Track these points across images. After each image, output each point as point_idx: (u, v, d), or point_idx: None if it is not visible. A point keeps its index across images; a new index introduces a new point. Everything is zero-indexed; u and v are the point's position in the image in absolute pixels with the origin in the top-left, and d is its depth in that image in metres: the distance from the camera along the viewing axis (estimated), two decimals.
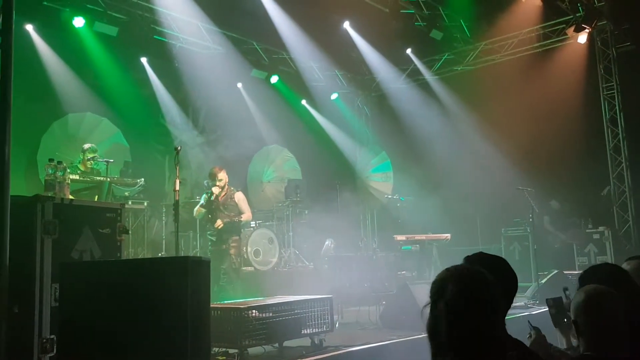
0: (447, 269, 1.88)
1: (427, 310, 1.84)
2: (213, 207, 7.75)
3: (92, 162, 8.02)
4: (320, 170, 12.46)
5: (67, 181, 5.16)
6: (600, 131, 11.14)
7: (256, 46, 12.08)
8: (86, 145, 8.20)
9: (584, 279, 2.75)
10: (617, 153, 11.01)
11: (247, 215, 8.03)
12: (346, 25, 11.98)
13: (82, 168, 7.91)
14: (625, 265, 3.04)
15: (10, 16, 4.01)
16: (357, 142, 14.48)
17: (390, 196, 11.90)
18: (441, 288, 1.82)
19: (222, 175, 7.76)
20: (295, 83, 12.95)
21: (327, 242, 10.28)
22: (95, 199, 7.49)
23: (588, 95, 11.07)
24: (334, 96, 13.92)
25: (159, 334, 3.24)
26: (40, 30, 9.32)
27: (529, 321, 2.93)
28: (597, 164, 10.96)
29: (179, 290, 3.27)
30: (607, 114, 11.14)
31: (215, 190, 7.69)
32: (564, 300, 3.21)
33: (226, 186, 7.84)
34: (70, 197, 5.07)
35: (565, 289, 3.35)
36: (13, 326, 3.78)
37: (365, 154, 14.47)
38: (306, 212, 10.95)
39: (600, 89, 11.20)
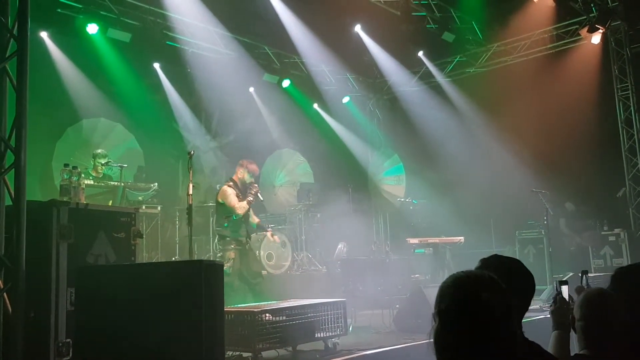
0: (448, 279, 1.80)
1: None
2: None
3: (103, 167, 8.07)
4: (332, 173, 12.45)
5: (82, 186, 5.20)
6: (615, 132, 11.03)
7: (268, 50, 12.13)
8: (97, 151, 8.26)
9: (617, 278, 2.68)
10: (632, 154, 10.88)
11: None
12: (357, 28, 11.97)
13: (93, 174, 7.97)
14: None
15: (26, 23, 4.06)
16: (369, 145, 14.46)
17: (402, 199, 11.86)
18: (444, 296, 1.75)
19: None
20: (307, 87, 12.97)
21: (339, 246, 10.26)
22: (110, 204, 7.55)
23: (602, 96, 10.96)
24: (345, 99, 13.92)
25: (173, 337, 3.25)
26: (54, 37, 9.43)
27: (556, 281, 2.79)
28: (612, 166, 10.85)
29: (193, 294, 3.28)
30: (622, 114, 11.02)
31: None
32: (584, 285, 3.04)
33: None
34: (85, 202, 5.12)
35: (584, 272, 3.13)
36: (29, 330, 3.81)
37: (378, 157, 14.45)
38: (318, 215, 10.94)
39: (615, 89, 11.09)
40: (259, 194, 7.05)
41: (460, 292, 1.73)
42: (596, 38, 10.86)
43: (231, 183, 7.07)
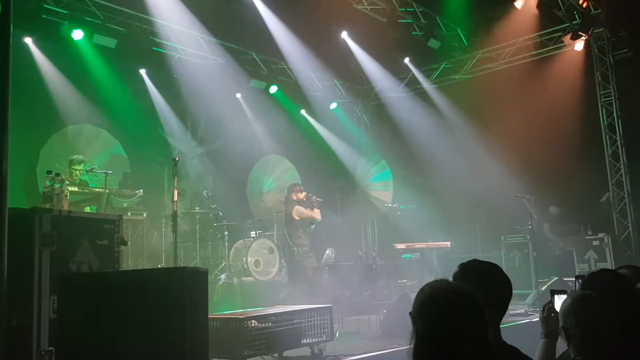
0: (423, 288, 1.84)
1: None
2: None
3: (79, 173, 8.00)
4: (320, 179, 12.46)
5: (65, 193, 5.18)
6: (598, 138, 11.15)
7: (255, 57, 12.13)
8: (72, 157, 8.16)
9: (588, 282, 2.71)
10: (615, 160, 11.01)
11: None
12: (344, 35, 12.03)
13: (68, 180, 7.87)
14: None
15: (8, 29, 4.03)
16: (357, 151, 14.49)
17: (390, 205, 11.91)
18: (421, 310, 1.80)
19: None
20: (295, 93, 12.99)
21: (327, 252, 10.26)
22: (94, 210, 7.50)
23: (586, 102, 11.07)
24: (333, 106, 13.95)
25: (157, 344, 3.24)
26: (39, 43, 9.36)
27: (551, 290, 2.79)
28: (595, 171, 10.96)
29: (177, 301, 3.27)
30: (605, 120, 11.15)
31: None
32: (577, 291, 3.03)
33: None
34: (69, 209, 5.09)
35: (579, 277, 3.10)
36: (11, 338, 3.77)
37: (365, 163, 14.49)
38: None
39: (598, 96, 11.22)
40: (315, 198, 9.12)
41: (446, 311, 1.76)
42: (579, 45, 10.99)
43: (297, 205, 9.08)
